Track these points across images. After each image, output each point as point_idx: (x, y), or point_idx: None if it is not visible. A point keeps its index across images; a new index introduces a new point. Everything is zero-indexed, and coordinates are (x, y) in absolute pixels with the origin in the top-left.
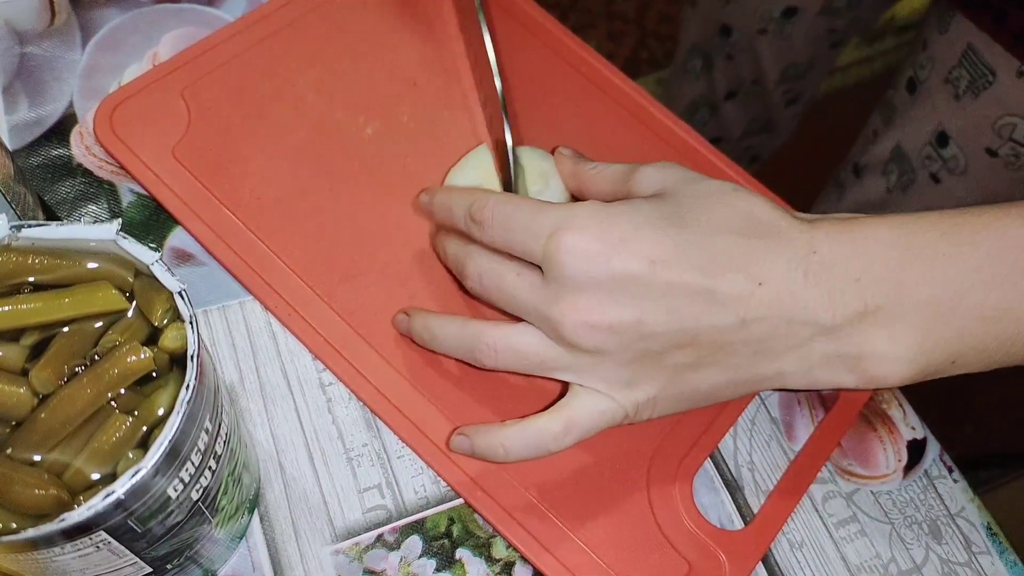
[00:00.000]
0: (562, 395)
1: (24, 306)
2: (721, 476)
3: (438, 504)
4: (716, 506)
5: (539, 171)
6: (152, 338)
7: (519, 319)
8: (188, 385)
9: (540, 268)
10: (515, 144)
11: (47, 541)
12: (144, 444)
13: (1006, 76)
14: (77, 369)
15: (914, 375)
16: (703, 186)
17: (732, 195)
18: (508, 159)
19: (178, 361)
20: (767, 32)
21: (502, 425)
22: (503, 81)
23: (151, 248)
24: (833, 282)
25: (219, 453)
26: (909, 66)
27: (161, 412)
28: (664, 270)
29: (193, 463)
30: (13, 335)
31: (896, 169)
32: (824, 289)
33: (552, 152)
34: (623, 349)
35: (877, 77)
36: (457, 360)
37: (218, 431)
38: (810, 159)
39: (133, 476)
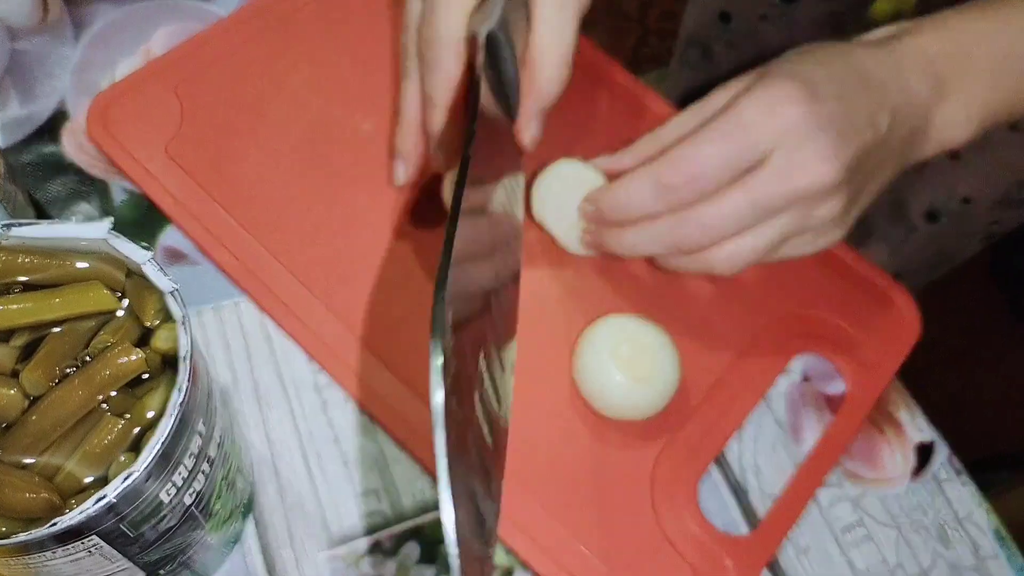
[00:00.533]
0: None
1: (14, 306)
2: (727, 480)
3: (436, 509)
4: (721, 511)
5: (579, 180)
6: (144, 339)
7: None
8: (181, 387)
9: (753, 167)
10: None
11: (38, 545)
12: (136, 447)
13: None
14: (68, 370)
15: (978, 130)
16: (784, 60)
17: (806, 48)
18: None
19: (170, 362)
20: (768, 17)
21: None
22: None
23: (143, 247)
24: (915, 70)
25: (212, 457)
26: None
27: (153, 414)
28: (852, 100)
29: (186, 467)
30: (3, 336)
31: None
32: (913, 76)
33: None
34: (851, 178)
35: None
36: None
37: (211, 434)
38: None
39: (125, 480)
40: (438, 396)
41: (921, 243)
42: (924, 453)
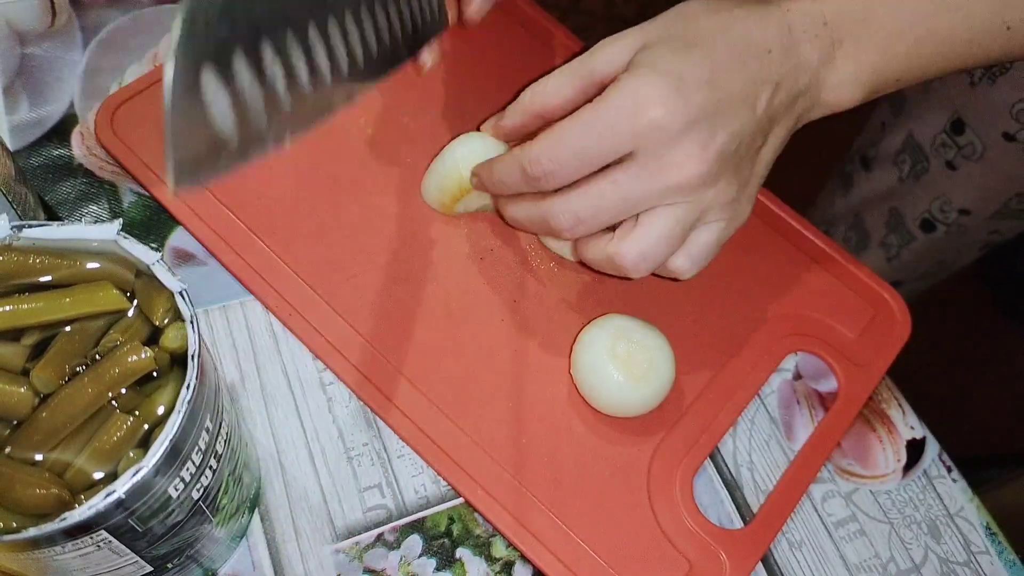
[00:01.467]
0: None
1: (25, 306)
2: (721, 476)
3: (438, 503)
4: (716, 505)
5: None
6: (153, 338)
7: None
8: (189, 385)
9: (620, 161)
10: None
11: (48, 540)
12: (145, 443)
13: (1022, 62)
14: (78, 369)
15: (866, 95)
16: (661, 22)
17: (690, 4)
18: None
19: (179, 361)
20: None
21: (582, 244)
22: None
23: (152, 248)
24: (808, 30)
25: (220, 452)
26: None
27: (162, 411)
28: (725, 82)
29: (194, 462)
30: (14, 335)
31: (908, 159)
32: (804, 37)
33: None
34: (729, 166)
35: None
36: (455, 360)
37: (219, 430)
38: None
39: (134, 475)
40: None
41: (919, 252)
42: (915, 450)
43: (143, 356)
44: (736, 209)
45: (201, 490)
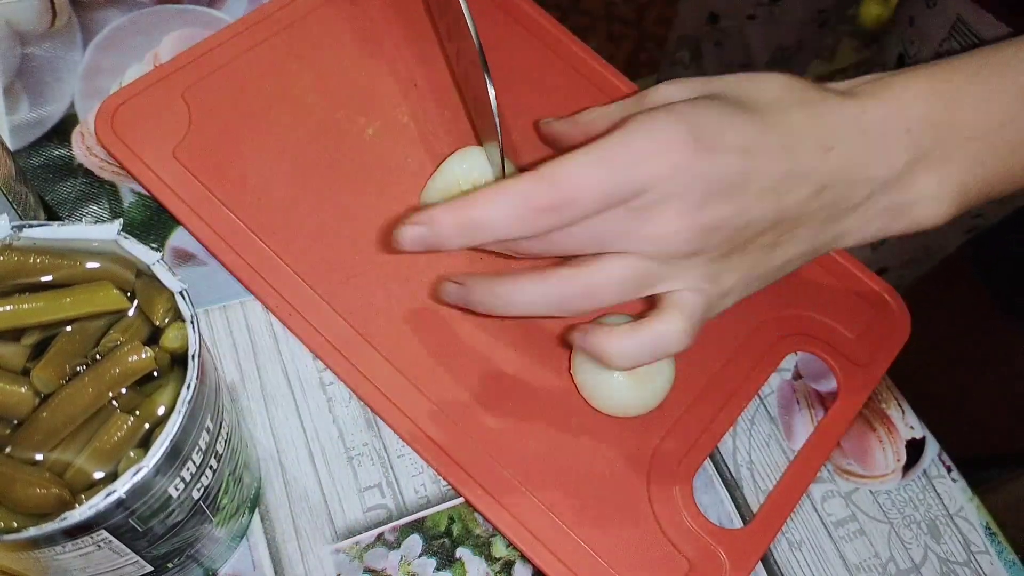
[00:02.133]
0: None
1: (25, 306)
2: (720, 475)
3: (438, 503)
4: (715, 505)
5: (482, 167)
6: (153, 338)
7: (559, 262)
8: (189, 384)
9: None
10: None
11: (48, 540)
12: (145, 443)
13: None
14: (78, 368)
15: (955, 212)
16: (732, 79)
17: (769, 77)
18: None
19: (179, 361)
20: (756, 17)
21: (611, 331)
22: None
23: (152, 248)
24: (887, 136)
25: (220, 452)
26: (897, 42)
27: (162, 411)
28: (763, 162)
29: (194, 462)
30: (14, 335)
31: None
32: (879, 145)
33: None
34: (719, 244)
35: None
36: (456, 360)
37: (219, 430)
38: None
39: (134, 475)
40: None
41: (902, 239)
42: (915, 450)
43: (143, 356)
44: (711, 292)
45: (201, 490)
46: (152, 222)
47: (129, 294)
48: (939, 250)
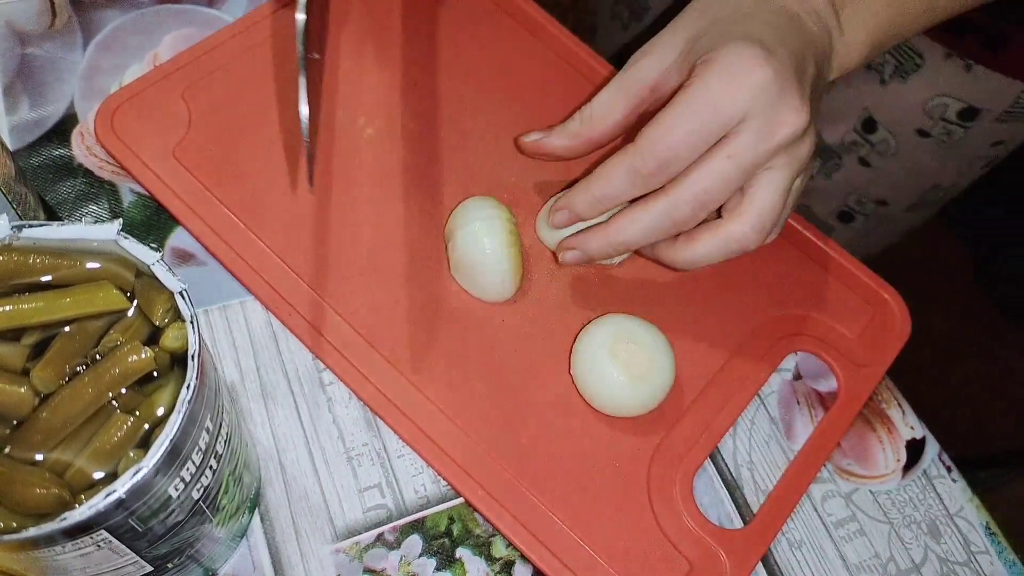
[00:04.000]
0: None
1: (25, 306)
2: (721, 476)
3: (438, 503)
4: (716, 505)
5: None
6: (153, 338)
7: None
8: (189, 385)
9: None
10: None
11: (48, 540)
12: (145, 443)
13: (933, 59)
14: (78, 369)
15: (867, 56)
16: (700, 8)
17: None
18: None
19: (179, 361)
20: None
21: (690, 240)
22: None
23: (152, 248)
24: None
25: (220, 452)
26: None
27: (162, 412)
28: (790, 42)
29: (194, 462)
30: (14, 335)
31: (819, 160)
32: (820, 5)
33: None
34: (813, 112)
35: None
36: (456, 360)
37: (219, 430)
38: None
39: (134, 475)
40: None
41: (840, 242)
42: (915, 450)
43: (143, 356)
44: (813, 163)
45: (201, 490)
46: (152, 222)
47: (129, 294)
48: (876, 248)
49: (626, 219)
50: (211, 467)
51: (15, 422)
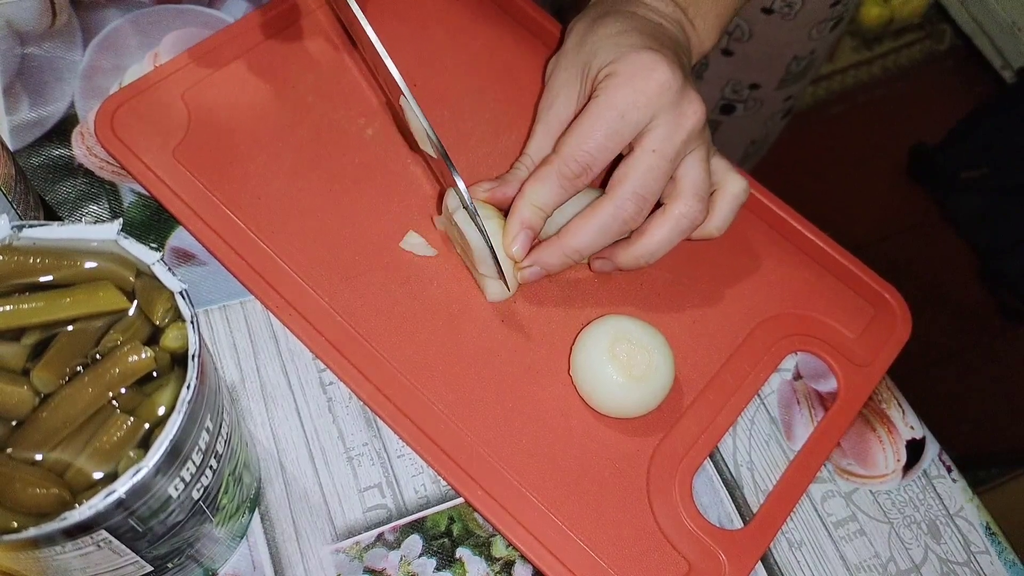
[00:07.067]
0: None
1: (25, 306)
2: (720, 476)
3: (438, 503)
4: (715, 505)
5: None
6: (153, 338)
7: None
8: (189, 385)
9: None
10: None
11: (48, 540)
12: (145, 443)
13: None
14: (78, 368)
15: (717, 37)
16: (582, 31)
17: (597, 16)
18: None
19: (179, 361)
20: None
21: (643, 233)
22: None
23: (152, 248)
24: (669, 9)
25: (220, 452)
26: None
27: (162, 411)
28: (664, 44)
29: (194, 462)
30: (14, 335)
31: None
32: (669, 11)
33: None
34: (699, 122)
35: (876, 81)
36: (455, 360)
37: (219, 430)
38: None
39: (134, 475)
40: None
41: (727, 135)
42: (915, 450)
43: (143, 356)
44: (705, 165)
45: (201, 490)
46: (152, 222)
47: (129, 294)
48: (766, 139)
49: (576, 226)
50: (211, 467)
51: (15, 422)
